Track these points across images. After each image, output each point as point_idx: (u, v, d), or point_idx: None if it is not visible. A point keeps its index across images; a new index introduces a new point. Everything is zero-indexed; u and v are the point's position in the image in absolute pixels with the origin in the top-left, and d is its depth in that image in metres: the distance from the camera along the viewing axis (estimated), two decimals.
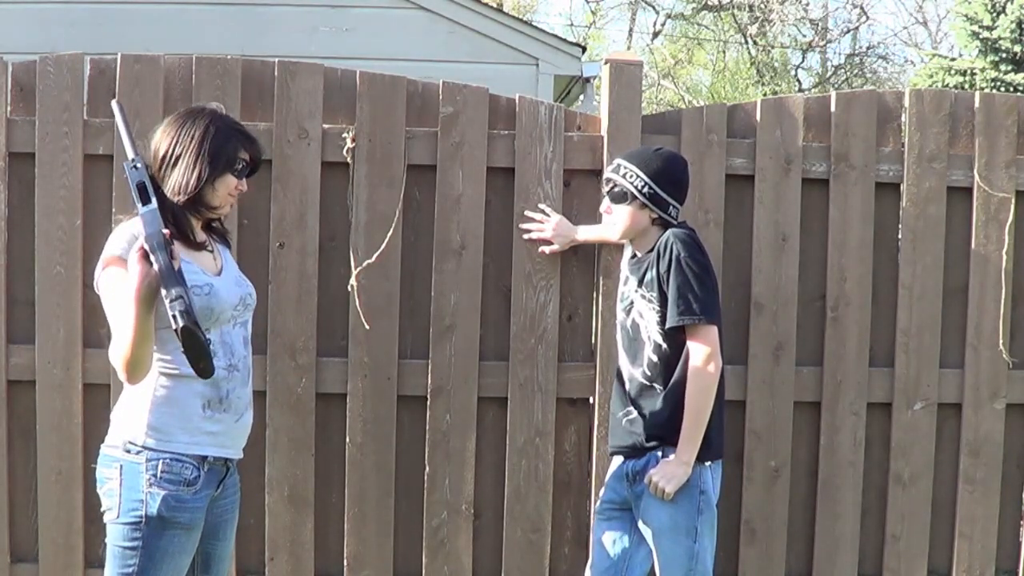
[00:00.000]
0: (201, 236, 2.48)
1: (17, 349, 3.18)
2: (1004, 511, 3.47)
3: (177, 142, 2.38)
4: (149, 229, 2.22)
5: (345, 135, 3.23)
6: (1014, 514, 3.52)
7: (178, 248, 2.30)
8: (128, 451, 2.33)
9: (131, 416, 2.36)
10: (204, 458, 2.37)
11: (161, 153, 2.38)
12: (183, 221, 2.40)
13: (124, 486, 2.32)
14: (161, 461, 2.31)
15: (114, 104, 2.44)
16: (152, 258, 2.17)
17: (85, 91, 3.17)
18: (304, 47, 6.39)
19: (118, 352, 2.25)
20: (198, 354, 2.18)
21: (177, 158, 2.37)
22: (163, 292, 2.16)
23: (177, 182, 2.37)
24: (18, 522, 3.23)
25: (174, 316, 2.14)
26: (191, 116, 2.43)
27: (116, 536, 2.33)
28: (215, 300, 2.37)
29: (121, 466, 2.33)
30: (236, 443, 2.48)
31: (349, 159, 3.24)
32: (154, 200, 2.27)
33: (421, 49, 6.74)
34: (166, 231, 2.23)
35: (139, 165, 2.31)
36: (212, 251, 2.50)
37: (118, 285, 2.28)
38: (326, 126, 3.23)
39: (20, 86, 3.17)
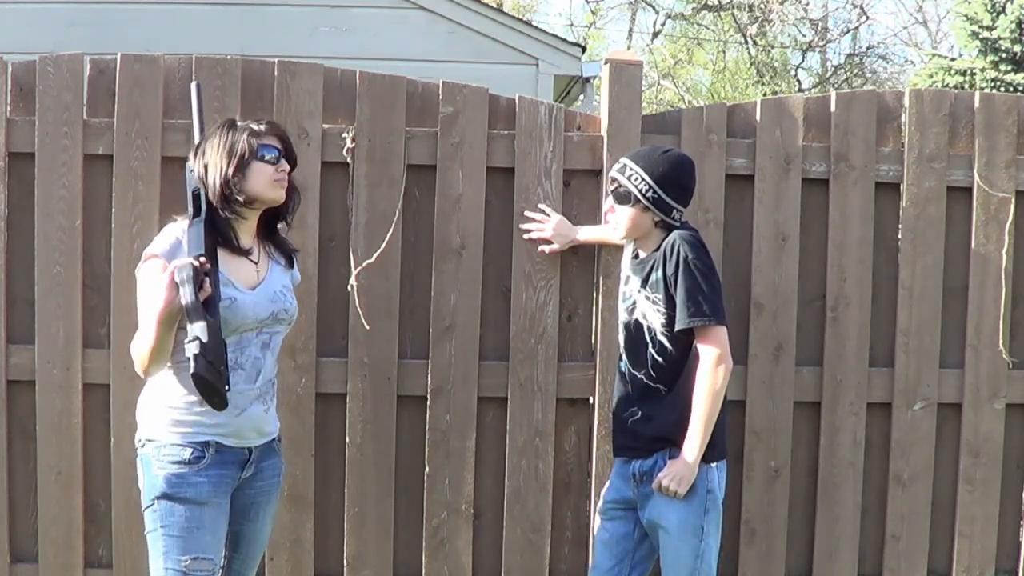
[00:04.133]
0: (248, 243, 2.56)
1: (17, 349, 3.18)
2: (1004, 511, 3.47)
3: (204, 155, 2.52)
4: (190, 247, 2.39)
5: (345, 135, 3.23)
6: (1014, 514, 3.52)
7: (221, 256, 2.45)
8: (143, 447, 2.52)
9: (141, 415, 2.55)
10: (206, 444, 2.46)
11: (199, 173, 2.51)
12: (226, 228, 2.51)
13: (144, 476, 2.51)
14: (160, 448, 2.47)
15: (193, 86, 2.64)
16: (180, 290, 2.30)
17: (85, 91, 3.17)
18: (304, 47, 6.38)
19: (137, 352, 2.44)
20: (209, 393, 2.34)
21: (206, 168, 2.51)
22: (188, 327, 2.31)
23: (211, 187, 2.49)
24: (18, 522, 3.23)
25: (188, 358, 2.29)
26: (211, 133, 2.57)
27: (146, 523, 2.50)
28: (232, 314, 2.45)
29: (141, 460, 2.52)
30: (244, 434, 2.54)
31: (349, 159, 3.24)
32: (203, 214, 2.44)
33: (421, 49, 6.74)
34: (202, 259, 2.34)
35: (193, 169, 2.50)
36: (257, 261, 2.57)
37: (148, 287, 2.43)
38: (326, 126, 3.23)
39: (20, 86, 3.17)
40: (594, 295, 3.35)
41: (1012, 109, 3.41)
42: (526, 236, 3.28)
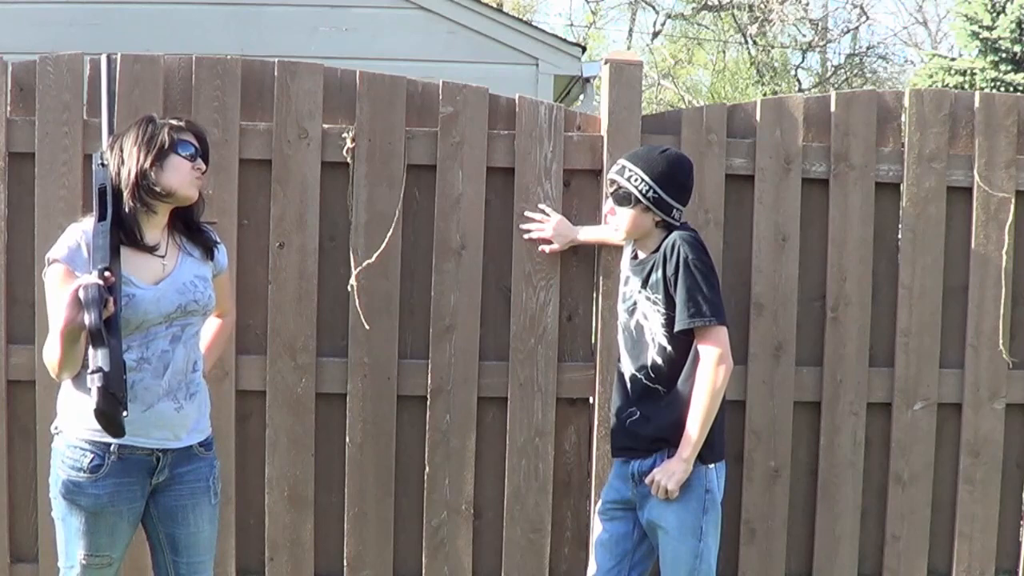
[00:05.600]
0: (155, 238, 2.51)
1: (17, 349, 3.18)
2: (1004, 511, 3.47)
3: (121, 149, 2.49)
4: (94, 257, 2.36)
5: (345, 135, 3.23)
6: (1014, 514, 3.52)
7: (123, 253, 2.40)
8: (58, 434, 2.51)
9: (58, 405, 2.54)
10: (107, 446, 2.43)
11: (115, 168, 2.47)
12: (131, 224, 2.47)
13: (52, 464, 2.51)
14: (66, 447, 2.47)
15: (103, 59, 2.55)
16: (85, 313, 2.25)
17: (85, 91, 3.17)
18: (304, 47, 6.39)
19: (48, 360, 2.42)
20: (109, 424, 2.31)
21: (122, 159, 2.47)
22: (90, 351, 2.28)
23: (125, 178, 2.46)
24: (18, 522, 3.23)
25: (90, 389, 2.26)
26: (128, 128, 2.54)
27: (53, 509, 2.52)
28: (133, 311, 2.41)
29: (52, 449, 2.52)
30: (152, 432, 2.47)
31: (349, 159, 3.24)
32: (109, 216, 2.39)
33: (421, 49, 6.74)
34: (107, 273, 2.29)
35: (106, 163, 2.45)
36: (164, 255, 2.52)
37: (52, 296, 2.44)
38: (326, 126, 3.23)
39: (20, 86, 3.17)
40: (594, 295, 3.35)
41: (1012, 109, 3.41)
42: (526, 236, 3.28)
